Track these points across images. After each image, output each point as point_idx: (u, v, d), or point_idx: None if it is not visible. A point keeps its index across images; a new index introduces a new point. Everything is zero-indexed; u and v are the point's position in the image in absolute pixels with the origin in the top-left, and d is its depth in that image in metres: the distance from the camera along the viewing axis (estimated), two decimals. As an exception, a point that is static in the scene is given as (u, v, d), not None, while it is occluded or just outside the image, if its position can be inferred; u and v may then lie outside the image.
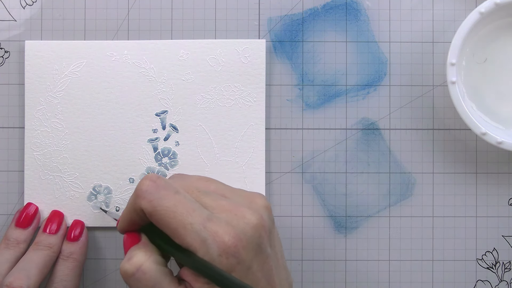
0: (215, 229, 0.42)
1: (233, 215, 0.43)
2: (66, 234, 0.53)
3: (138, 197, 0.43)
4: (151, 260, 0.43)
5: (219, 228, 0.42)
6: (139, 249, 0.44)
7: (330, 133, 0.55)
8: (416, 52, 0.55)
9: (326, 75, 0.55)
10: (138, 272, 0.43)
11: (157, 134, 0.54)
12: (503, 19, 0.53)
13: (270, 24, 0.55)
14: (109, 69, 0.54)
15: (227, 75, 0.54)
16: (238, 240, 0.42)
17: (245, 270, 0.42)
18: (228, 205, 0.44)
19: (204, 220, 0.42)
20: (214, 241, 0.42)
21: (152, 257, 0.43)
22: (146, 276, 0.43)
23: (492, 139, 0.51)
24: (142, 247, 0.44)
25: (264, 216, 0.44)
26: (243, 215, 0.43)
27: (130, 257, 0.43)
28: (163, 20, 0.55)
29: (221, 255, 0.42)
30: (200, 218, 0.42)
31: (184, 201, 0.43)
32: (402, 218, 0.55)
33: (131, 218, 0.45)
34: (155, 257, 0.44)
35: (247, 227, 0.43)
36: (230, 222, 0.43)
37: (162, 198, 0.43)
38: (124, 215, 0.46)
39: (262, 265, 0.44)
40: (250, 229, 0.43)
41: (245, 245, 0.42)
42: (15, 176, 0.54)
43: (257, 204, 0.45)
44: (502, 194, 0.55)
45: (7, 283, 0.47)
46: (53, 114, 0.54)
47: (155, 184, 0.44)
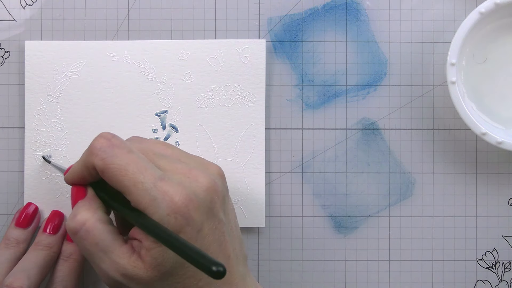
0: (166, 189, 0.42)
1: (186, 177, 0.43)
2: (66, 234, 0.53)
3: (91, 154, 0.43)
4: (94, 218, 0.43)
5: (170, 188, 0.42)
6: (84, 206, 0.44)
7: (330, 133, 0.55)
8: (416, 52, 0.55)
9: (326, 75, 0.55)
10: (81, 230, 0.43)
11: (157, 134, 0.54)
12: (503, 19, 0.53)
13: (270, 24, 0.55)
14: (109, 69, 0.54)
15: (227, 75, 0.54)
16: (188, 200, 0.42)
17: (194, 232, 0.42)
18: (182, 168, 0.44)
19: (156, 179, 0.42)
20: (163, 200, 0.42)
21: (96, 215, 0.44)
22: (89, 234, 0.43)
23: (492, 139, 0.51)
24: (87, 203, 0.44)
25: (218, 182, 0.44)
26: (196, 178, 0.43)
27: (75, 214, 0.44)
28: (163, 20, 0.55)
29: (169, 214, 0.41)
30: (151, 177, 0.42)
31: (137, 160, 0.43)
32: (402, 218, 0.55)
33: (82, 173, 0.45)
34: (99, 214, 0.44)
35: (199, 189, 0.43)
36: (182, 183, 0.43)
37: (115, 156, 0.43)
38: (74, 169, 0.46)
39: (214, 230, 0.43)
40: (202, 191, 0.43)
41: (196, 206, 0.42)
42: (15, 176, 0.54)
43: (212, 170, 0.45)
44: (502, 194, 0.55)
45: (7, 283, 0.47)
46: (53, 114, 0.54)
47: (109, 142, 0.44)
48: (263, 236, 0.55)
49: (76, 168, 0.46)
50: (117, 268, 0.43)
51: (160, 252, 0.42)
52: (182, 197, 0.42)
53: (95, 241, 0.43)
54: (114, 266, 0.43)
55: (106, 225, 0.44)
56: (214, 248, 0.43)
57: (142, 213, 0.42)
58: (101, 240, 0.43)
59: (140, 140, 0.47)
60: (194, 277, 0.43)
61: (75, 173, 0.46)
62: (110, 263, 0.43)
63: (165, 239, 0.40)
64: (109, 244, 0.43)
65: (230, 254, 0.44)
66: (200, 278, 0.43)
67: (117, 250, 0.43)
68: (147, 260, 0.42)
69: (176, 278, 0.43)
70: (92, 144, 0.44)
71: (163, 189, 0.42)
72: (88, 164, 0.44)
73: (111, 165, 0.43)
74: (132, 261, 0.42)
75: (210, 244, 0.43)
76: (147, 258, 0.42)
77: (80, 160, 0.45)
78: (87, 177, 0.45)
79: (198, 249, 0.39)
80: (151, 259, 0.42)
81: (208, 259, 0.37)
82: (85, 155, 0.44)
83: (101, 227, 0.43)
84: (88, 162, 0.44)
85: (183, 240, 0.39)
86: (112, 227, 0.44)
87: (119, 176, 0.42)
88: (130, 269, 0.42)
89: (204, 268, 0.37)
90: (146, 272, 0.42)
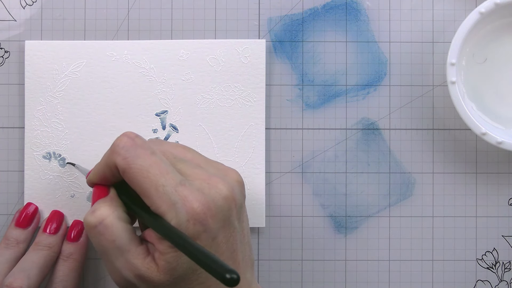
0: (186, 194, 0.42)
1: (205, 183, 0.43)
2: (66, 234, 0.53)
3: (114, 152, 0.43)
4: (114, 215, 0.43)
5: (190, 194, 0.42)
6: (105, 202, 0.44)
7: (330, 133, 0.55)
8: (416, 52, 0.55)
9: (326, 75, 0.55)
10: (100, 225, 0.43)
11: (157, 134, 0.54)
12: (503, 19, 0.53)
13: (270, 24, 0.55)
14: (109, 69, 0.54)
15: (227, 75, 0.54)
16: (207, 208, 0.42)
17: (210, 240, 0.42)
18: (202, 174, 0.44)
19: (177, 184, 0.42)
20: (183, 205, 0.41)
21: (116, 212, 0.43)
22: (107, 230, 0.42)
23: (492, 139, 0.51)
24: (108, 201, 0.44)
25: (236, 190, 0.44)
26: (216, 185, 0.43)
27: (95, 209, 0.43)
28: (163, 20, 0.55)
29: (188, 220, 0.41)
30: (172, 181, 0.42)
31: (159, 162, 0.43)
32: (402, 218, 0.55)
33: (104, 173, 0.45)
34: (119, 212, 0.43)
35: (218, 197, 0.43)
36: (201, 190, 0.43)
37: (138, 156, 0.42)
38: (96, 169, 0.45)
39: (228, 238, 0.43)
40: (221, 199, 0.43)
41: (213, 214, 0.42)
42: (15, 176, 0.54)
43: (231, 177, 0.45)
44: (502, 194, 0.55)
45: (7, 283, 0.47)
46: (53, 114, 0.54)
47: (132, 142, 0.43)
48: (263, 236, 0.55)
49: (98, 168, 0.45)
50: (131, 268, 0.42)
51: (175, 257, 0.42)
52: (201, 204, 0.42)
53: (112, 237, 0.42)
54: (128, 266, 0.42)
55: (125, 224, 0.43)
56: (226, 255, 0.43)
57: (160, 218, 0.42)
58: (118, 237, 0.43)
59: (160, 142, 0.47)
60: (205, 283, 0.43)
61: (97, 172, 0.45)
62: (124, 262, 0.43)
63: (183, 245, 0.40)
64: (126, 242, 0.43)
65: (240, 261, 0.44)
66: (210, 284, 0.43)
67: (133, 250, 0.43)
68: (161, 264, 0.42)
69: (188, 283, 0.43)
70: (115, 143, 0.43)
71: (183, 194, 0.42)
72: (110, 163, 0.43)
73: (133, 165, 0.42)
74: (146, 263, 0.42)
75: (223, 252, 0.43)
76: (161, 262, 0.42)
77: (102, 160, 0.45)
78: (109, 177, 0.45)
79: (214, 256, 0.38)
80: (165, 263, 0.42)
81: (222, 266, 0.37)
82: (107, 154, 0.44)
83: (120, 225, 0.43)
84: (110, 160, 0.43)
85: (199, 247, 0.39)
86: (130, 226, 0.44)
87: (140, 178, 0.42)
88: (143, 271, 0.42)
89: (218, 275, 0.37)
90: (158, 276, 0.42)
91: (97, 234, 0.43)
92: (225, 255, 0.43)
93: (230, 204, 0.43)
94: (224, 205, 0.43)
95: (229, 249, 0.43)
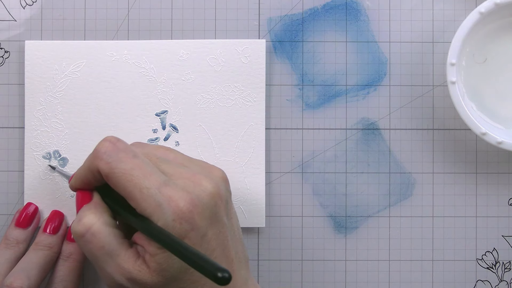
0: (171, 194, 0.42)
1: (189, 182, 0.43)
2: (66, 234, 0.53)
3: (96, 158, 0.43)
4: (100, 221, 0.43)
5: (175, 193, 0.42)
6: (90, 209, 0.44)
7: (330, 133, 0.55)
8: (416, 52, 0.55)
9: (326, 75, 0.55)
10: (87, 234, 0.43)
11: (157, 134, 0.54)
12: (503, 19, 0.53)
13: (270, 24, 0.55)
14: (109, 69, 0.54)
15: (227, 75, 0.54)
16: (193, 206, 0.42)
17: (199, 238, 0.42)
18: (186, 173, 0.44)
19: (160, 185, 0.42)
20: (169, 206, 0.41)
21: (102, 219, 0.43)
22: (95, 238, 0.43)
23: (492, 139, 0.51)
24: (93, 207, 0.44)
25: (221, 186, 0.44)
26: (200, 182, 0.43)
27: (81, 218, 0.43)
28: (163, 20, 0.55)
29: (175, 220, 0.41)
30: (156, 182, 0.42)
31: (142, 164, 0.43)
32: (402, 218, 0.55)
33: (86, 178, 0.45)
34: (105, 218, 0.44)
35: (203, 194, 0.43)
36: (186, 188, 0.43)
37: (120, 160, 0.43)
38: (79, 174, 0.45)
39: (218, 234, 0.43)
40: (206, 196, 0.43)
41: (200, 211, 0.42)
42: (15, 176, 0.54)
43: (215, 174, 0.45)
44: (502, 194, 0.55)
45: (7, 283, 0.47)
46: (53, 114, 0.54)
47: (114, 146, 0.43)
48: (263, 236, 0.55)
49: (81, 173, 0.45)
50: (122, 272, 0.42)
51: (165, 258, 0.42)
52: (186, 203, 0.42)
53: (101, 244, 0.43)
54: (120, 270, 0.42)
55: (112, 229, 0.43)
56: (218, 252, 0.43)
57: (147, 219, 0.42)
58: (107, 243, 0.43)
59: (142, 145, 0.47)
60: (199, 282, 0.43)
61: (80, 177, 0.45)
62: (115, 267, 0.43)
63: (171, 245, 0.40)
64: (115, 248, 0.43)
65: (233, 258, 0.44)
66: (204, 283, 0.43)
67: (122, 254, 0.43)
68: (152, 266, 0.42)
69: (181, 283, 0.43)
70: (97, 148, 0.44)
71: (168, 195, 0.42)
72: (93, 168, 0.44)
73: (116, 169, 0.42)
74: (137, 266, 0.42)
75: (214, 249, 0.43)
76: (151, 264, 0.42)
77: (85, 164, 0.45)
78: (91, 181, 0.45)
79: (204, 255, 0.38)
80: (156, 265, 0.42)
81: (213, 265, 0.37)
82: (89, 159, 0.44)
83: (107, 230, 0.43)
84: (92, 166, 0.44)
85: (188, 246, 0.39)
86: (118, 231, 0.44)
87: (124, 181, 0.42)
88: (135, 274, 0.42)
89: (209, 274, 0.37)
90: (151, 277, 0.42)
91: (86, 242, 0.43)
92: (217, 252, 0.43)
93: (216, 200, 0.43)
94: (210, 202, 0.43)
95: (220, 246, 0.43)
